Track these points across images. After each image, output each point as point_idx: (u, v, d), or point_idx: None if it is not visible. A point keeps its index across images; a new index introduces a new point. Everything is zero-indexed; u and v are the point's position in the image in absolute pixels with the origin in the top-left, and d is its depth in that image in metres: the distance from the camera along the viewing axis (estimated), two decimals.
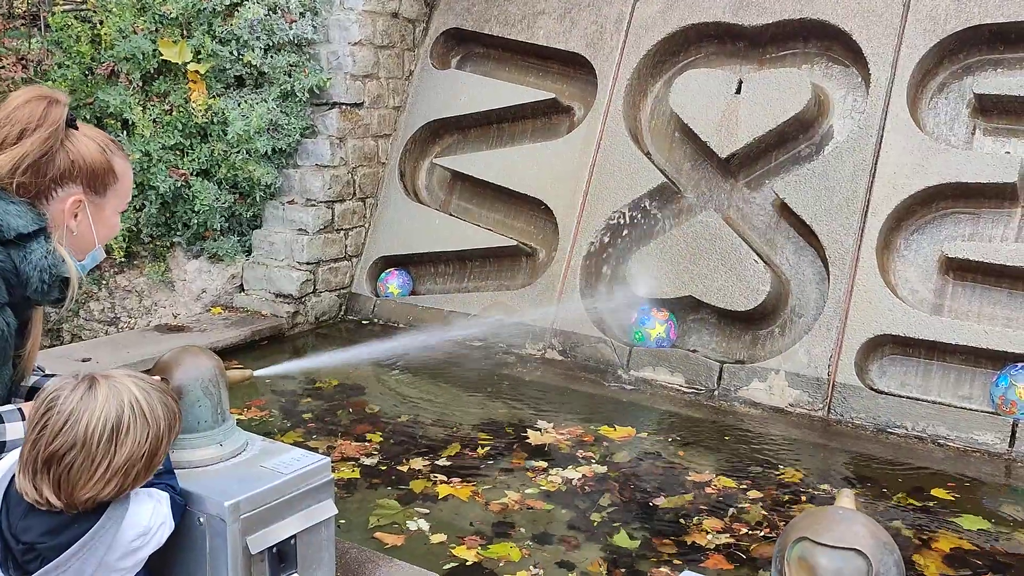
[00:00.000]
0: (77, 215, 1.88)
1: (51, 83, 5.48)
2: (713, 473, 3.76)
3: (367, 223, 6.27)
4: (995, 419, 4.10)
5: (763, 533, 3.26)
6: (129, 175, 1.99)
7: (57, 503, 1.64)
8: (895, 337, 4.42)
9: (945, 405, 4.26)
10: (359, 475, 3.66)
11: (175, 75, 5.59)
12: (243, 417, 4.21)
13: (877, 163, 4.66)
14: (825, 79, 5.11)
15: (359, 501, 3.45)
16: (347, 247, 6.12)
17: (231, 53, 5.50)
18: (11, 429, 1.80)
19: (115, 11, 5.54)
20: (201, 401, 2.03)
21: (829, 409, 4.43)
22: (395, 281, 6.07)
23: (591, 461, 3.85)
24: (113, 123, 5.60)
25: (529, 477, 3.68)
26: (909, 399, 4.33)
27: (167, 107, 5.59)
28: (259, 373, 2.51)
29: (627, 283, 5.18)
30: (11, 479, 1.70)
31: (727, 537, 3.22)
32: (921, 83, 4.81)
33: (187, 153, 5.65)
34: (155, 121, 5.55)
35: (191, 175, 5.61)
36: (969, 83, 4.69)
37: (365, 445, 3.97)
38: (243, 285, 5.94)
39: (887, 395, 4.37)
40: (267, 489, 1.96)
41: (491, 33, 6.11)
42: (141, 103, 5.56)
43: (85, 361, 4.65)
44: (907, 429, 4.24)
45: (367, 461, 3.80)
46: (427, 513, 3.34)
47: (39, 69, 5.65)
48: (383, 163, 6.31)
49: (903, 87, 4.69)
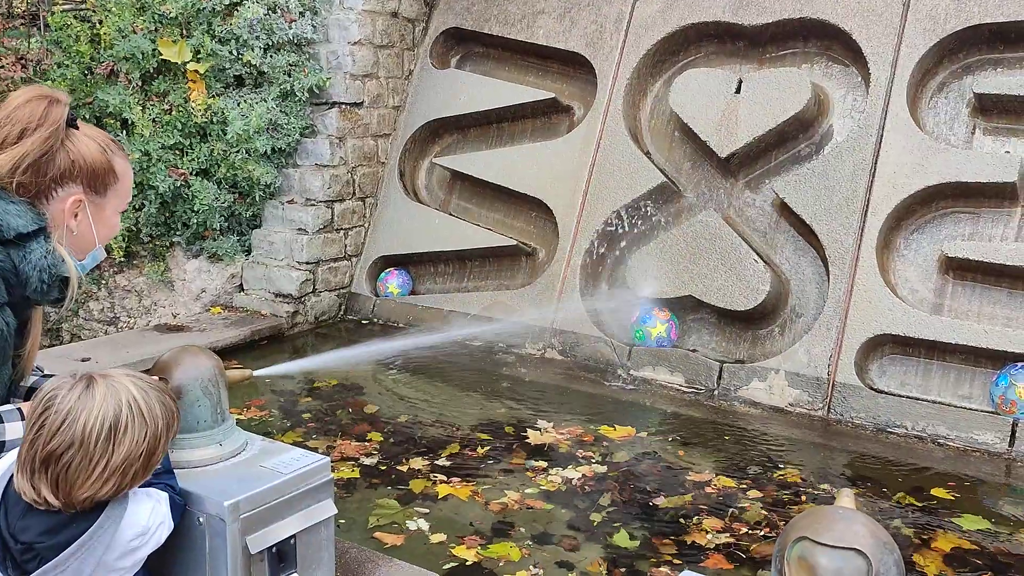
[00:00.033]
0: (77, 215, 1.88)
1: (50, 83, 5.47)
2: (713, 473, 3.76)
3: (367, 223, 6.26)
4: (995, 419, 4.10)
5: (763, 533, 3.26)
6: (129, 175, 1.99)
7: (55, 502, 1.63)
8: (895, 337, 4.42)
9: (945, 405, 4.26)
10: (359, 475, 3.66)
11: (174, 75, 5.59)
12: (243, 417, 4.21)
13: (877, 162, 4.66)
14: (825, 78, 5.11)
15: (359, 501, 3.44)
16: (347, 247, 6.12)
17: (230, 53, 5.50)
18: (10, 429, 1.80)
19: (114, 11, 5.54)
20: (200, 401, 2.02)
21: (829, 409, 4.43)
22: (395, 281, 6.07)
23: (591, 461, 3.85)
24: (112, 123, 5.60)
25: (529, 477, 3.68)
26: (909, 399, 4.33)
27: (166, 107, 5.58)
28: (259, 373, 2.50)
29: (627, 283, 5.18)
30: (10, 479, 1.70)
31: (727, 537, 3.22)
32: (921, 82, 4.81)
33: (186, 153, 5.64)
34: (154, 121, 5.55)
35: (190, 175, 5.61)
36: (969, 82, 4.70)
37: (365, 445, 3.97)
38: (243, 285, 5.94)
39: (887, 395, 4.37)
40: (267, 489, 1.95)
41: (491, 32, 6.11)
42: (140, 103, 5.56)
43: (84, 361, 4.65)
44: (907, 429, 4.24)
45: (367, 461, 3.80)
46: (427, 513, 3.34)
47: (38, 69, 5.65)
48: (383, 163, 6.31)
49: (903, 86, 4.69)
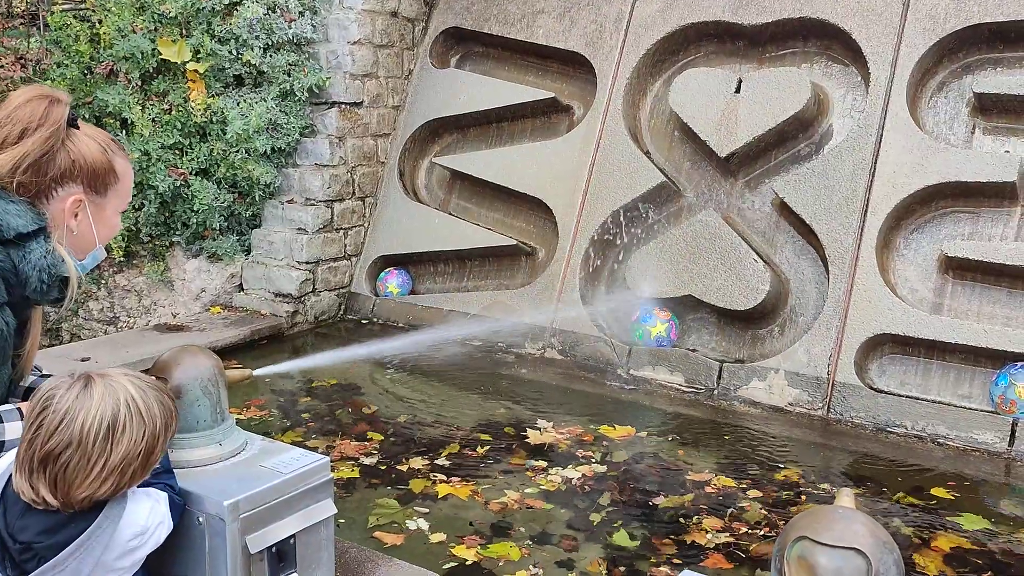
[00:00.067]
0: (77, 215, 1.88)
1: (50, 82, 5.47)
2: (713, 472, 3.76)
3: (366, 222, 6.26)
4: (995, 418, 4.10)
5: (763, 532, 3.26)
6: (130, 175, 1.99)
7: (54, 502, 1.63)
8: (895, 336, 4.42)
9: (945, 404, 4.26)
10: (358, 474, 3.66)
11: (174, 74, 5.59)
12: (242, 416, 4.21)
13: (877, 162, 4.66)
14: (825, 78, 5.11)
15: (358, 500, 3.44)
16: (346, 246, 6.12)
17: (230, 52, 5.50)
18: (10, 428, 1.80)
19: (114, 10, 5.54)
20: (200, 400, 2.02)
21: (829, 408, 4.43)
22: (394, 280, 6.07)
23: (591, 460, 3.85)
24: (112, 122, 5.60)
25: (529, 476, 3.68)
26: (909, 398, 4.33)
27: (166, 106, 5.58)
28: (258, 372, 2.50)
29: (627, 282, 5.18)
30: (8, 478, 1.70)
31: (727, 536, 3.22)
32: (921, 82, 4.81)
33: (186, 152, 5.64)
34: (154, 120, 5.55)
35: (190, 174, 5.61)
36: (969, 82, 4.69)
37: (364, 444, 3.97)
38: (242, 284, 5.94)
39: (887, 394, 4.37)
40: (266, 488, 1.95)
41: (490, 32, 6.11)
42: (140, 102, 5.56)
43: (84, 360, 4.65)
44: (907, 428, 4.24)
45: (366, 460, 3.80)
46: (427, 512, 3.34)
47: (38, 68, 5.65)
48: (382, 162, 6.31)
49: (903, 86, 4.69)
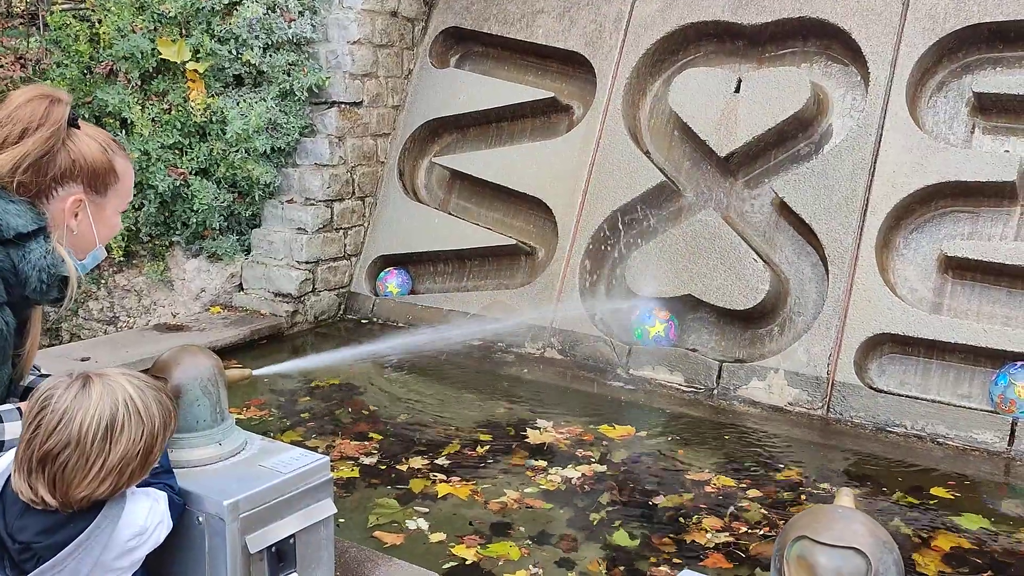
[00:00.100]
0: (77, 214, 1.88)
1: (50, 82, 5.47)
2: (712, 472, 3.76)
3: (366, 222, 6.26)
4: (994, 418, 4.10)
5: (762, 532, 3.26)
6: (130, 175, 1.99)
7: (52, 502, 1.63)
8: (894, 336, 4.42)
9: (944, 404, 4.26)
10: (358, 474, 3.66)
11: (174, 74, 5.59)
12: (242, 416, 4.21)
13: (876, 162, 4.66)
14: (824, 78, 5.11)
15: (358, 500, 3.45)
16: (346, 246, 6.12)
17: (230, 52, 5.50)
18: (10, 428, 1.80)
19: (114, 10, 5.54)
20: (200, 400, 2.02)
21: (828, 408, 4.43)
22: (394, 280, 6.07)
23: (590, 460, 3.85)
24: (112, 122, 5.60)
25: (528, 476, 3.68)
26: (908, 398, 4.33)
27: (166, 106, 5.58)
28: (258, 372, 2.51)
29: (626, 282, 5.18)
30: (7, 478, 1.70)
31: (726, 536, 3.22)
32: (920, 82, 4.81)
33: (186, 152, 5.64)
34: (154, 120, 5.55)
35: (190, 174, 5.61)
36: (968, 82, 4.69)
37: (364, 444, 3.97)
38: (242, 284, 5.94)
39: (886, 394, 4.37)
40: (266, 488, 1.95)
41: (490, 32, 6.11)
42: (140, 102, 5.56)
43: (84, 360, 4.65)
44: (906, 428, 4.24)
45: (366, 460, 3.80)
46: (426, 512, 3.34)
47: (38, 68, 5.65)
48: (382, 162, 6.31)
49: (902, 86, 4.69)
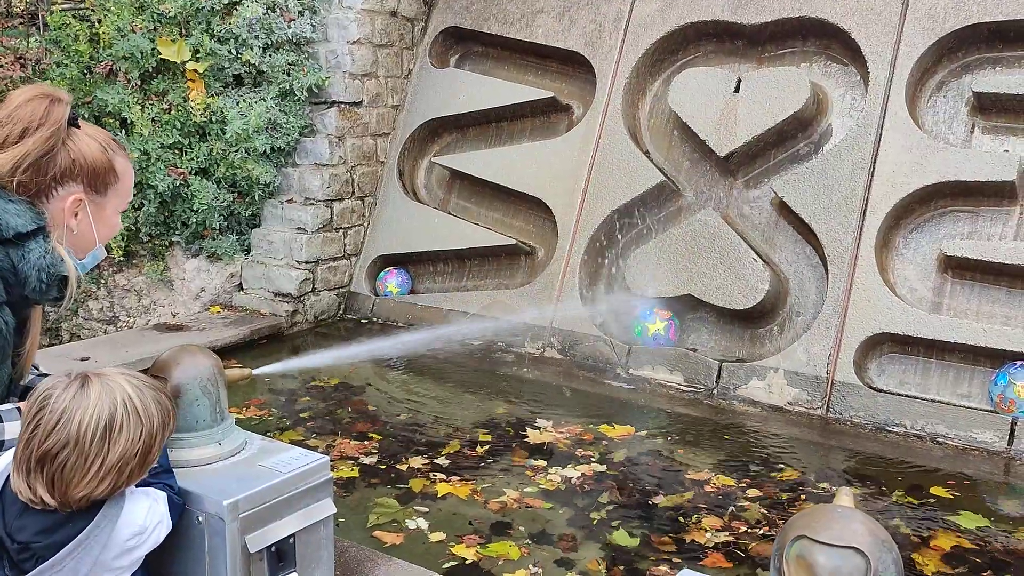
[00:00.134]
0: (77, 214, 1.88)
1: (49, 82, 5.47)
2: (712, 471, 3.76)
3: (366, 222, 6.26)
4: (994, 417, 4.10)
5: (762, 531, 3.26)
6: (130, 174, 1.99)
7: (51, 502, 1.63)
8: (894, 335, 4.42)
9: (944, 403, 4.26)
10: (358, 474, 3.66)
11: (174, 74, 5.59)
12: (242, 416, 4.21)
13: (876, 161, 4.66)
14: (824, 77, 5.11)
15: (358, 500, 3.45)
16: (346, 246, 6.12)
17: (229, 52, 5.50)
18: (9, 428, 1.80)
19: (113, 10, 5.54)
20: (200, 400, 2.02)
21: (828, 407, 4.43)
22: (394, 280, 6.07)
23: (590, 460, 3.85)
24: (111, 122, 5.60)
25: (528, 476, 3.68)
26: (908, 397, 4.33)
27: (166, 106, 5.58)
28: (258, 372, 2.50)
29: (626, 282, 5.18)
30: (6, 478, 1.70)
31: (726, 535, 3.22)
32: (920, 81, 4.81)
33: (186, 152, 5.64)
34: (154, 120, 5.55)
35: (190, 174, 5.61)
36: (968, 81, 4.69)
37: (364, 444, 3.97)
38: (242, 284, 5.94)
39: (886, 393, 4.37)
40: (266, 488, 1.95)
41: (490, 32, 6.11)
42: (140, 102, 5.56)
43: (84, 360, 4.65)
44: (906, 427, 4.24)
45: (366, 460, 3.80)
46: (426, 512, 3.34)
47: (37, 68, 5.65)
48: (382, 162, 6.31)
49: (902, 85, 4.69)
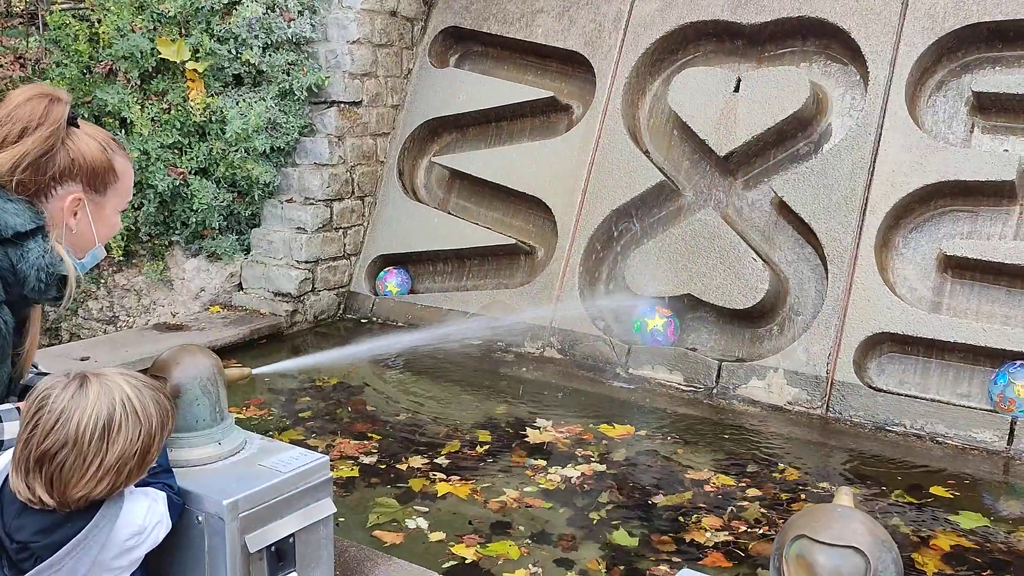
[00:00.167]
0: (76, 213, 1.88)
1: (49, 82, 5.47)
2: (712, 471, 3.76)
3: (366, 222, 6.26)
4: (994, 417, 4.10)
5: (762, 531, 3.26)
6: (130, 174, 1.99)
7: (50, 502, 1.63)
8: (893, 335, 4.42)
9: (944, 403, 4.26)
10: (358, 473, 3.66)
11: (173, 74, 5.59)
12: (242, 416, 4.21)
13: (876, 161, 4.66)
14: (824, 77, 5.11)
15: (358, 499, 3.45)
16: (346, 246, 6.12)
17: (229, 52, 5.49)
18: (8, 428, 1.80)
19: (113, 10, 5.54)
20: (199, 400, 2.02)
21: (828, 407, 4.43)
22: (394, 280, 6.07)
23: (590, 459, 3.85)
24: (111, 122, 5.59)
25: (528, 475, 3.68)
26: (908, 397, 4.33)
27: (165, 106, 5.58)
28: (258, 372, 2.51)
29: (626, 281, 5.18)
30: (6, 478, 1.70)
31: (726, 535, 3.22)
32: (920, 81, 4.81)
33: (185, 152, 5.64)
34: (153, 120, 5.55)
35: (189, 174, 5.61)
36: (968, 81, 4.69)
37: (364, 443, 3.97)
38: (242, 284, 5.94)
39: (886, 393, 4.37)
40: (265, 488, 1.95)
41: (489, 31, 6.11)
42: (139, 102, 5.56)
43: (83, 360, 4.65)
44: (906, 427, 4.24)
45: (366, 459, 3.80)
46: (426, 511, 3.34)
47: (37, 68, 5.64)
48: (382, 162, 6.31)
49: (901, 85, 4.69)
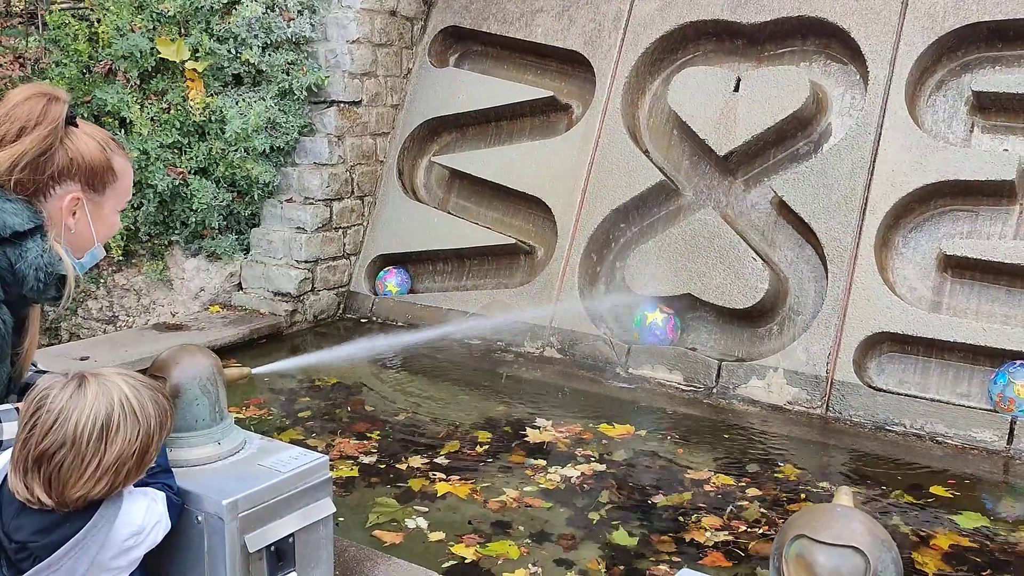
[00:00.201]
0: (75, 213, 1.88)
1: (48, 81, 5.47)
2: (711, 471, 3.76)
3: (365, 221, 6.26)
4: (993, 416, 4.10)
5: (761, 531, 3.26)
6: (129, 174, 1.98)
7: (48, 502, 1.63)
8: (893, 335, 4.42)
9: (943, 403, 4.26)
10: (357, 473, 3.66)
11: (173, 73, 5.59)
12: (241, 415, 4.21)
13: (875, 161, 4.66)
14: (823, 77, 5.10)
15: (358, 499, 3.45)
16: (345, 245, 6.12)
17: (229, 51, 5.49)
18: (7, 428, 1.80)
19: (113, 9, 5.53)
20: (199, 399, 2.02)
21: (827, 407, 4.43)
22: (393, 279, 6.06)
23: (590, 459, 3.85)
24: (111, 121, 5.59)
25: (528, 475, 3.68)
26: (907, 397, 4.33)
27: (165, 105, 5.58)
28: (257, 371, 2.50)
29: (625, 281, 5.18)
30: (4, 478, 1.70)
31: (726, 535, 3.22)
32: (919, 81, 4.81)
33: (185, 151, 5.64)
34: (153, 119, 5.55)
35: (189, 173, 5.60)
36: (967, 80, 4.69)
37: (364, 443, 3.97)
38: (241, 283, 5.93)
39: (885, 393, 4.37)
40: (265, 487, 1.95)
41: (489, 31, 6.11)
42: (139, 101, 5.55)
43: (83, 359, 4.64)
44: (905, 427, 4.24)
45: (365, 459, 3.80)
46: (426, 511, 3.34)
47: (36, 67, 5.64)
48: (381, 161, 6.31)
49: (901, 85, 4.69)
